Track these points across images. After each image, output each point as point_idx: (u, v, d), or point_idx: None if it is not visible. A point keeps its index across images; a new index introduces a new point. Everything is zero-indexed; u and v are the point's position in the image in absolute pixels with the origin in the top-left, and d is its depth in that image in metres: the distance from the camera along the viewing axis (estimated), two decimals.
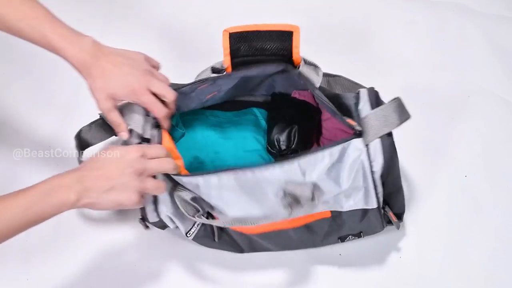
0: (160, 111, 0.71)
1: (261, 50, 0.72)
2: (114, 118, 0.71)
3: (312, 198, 0.66)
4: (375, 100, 0.72)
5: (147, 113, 0.74)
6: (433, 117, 0.96)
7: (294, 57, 0.72)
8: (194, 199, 0.69)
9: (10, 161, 0.91)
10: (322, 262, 0.80)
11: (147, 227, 0.78)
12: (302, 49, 1.06)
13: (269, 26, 0.70)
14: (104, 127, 0.78)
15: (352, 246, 0.81)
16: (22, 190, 0.60)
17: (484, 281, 0.78)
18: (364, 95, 0.73)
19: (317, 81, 0.73)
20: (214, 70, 0.77)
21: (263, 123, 0.90)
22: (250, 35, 0.71)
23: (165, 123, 0.73)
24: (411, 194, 0.86)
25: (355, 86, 0.90)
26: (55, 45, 0.68)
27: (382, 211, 0.72)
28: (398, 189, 0.72)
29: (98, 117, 0.79)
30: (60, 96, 1.00)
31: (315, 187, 0.67)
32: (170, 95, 0.72)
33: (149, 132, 0.73)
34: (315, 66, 0.73)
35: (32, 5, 0.69)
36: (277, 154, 0.86)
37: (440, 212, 0.85)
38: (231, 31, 0.72)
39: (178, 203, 0.69)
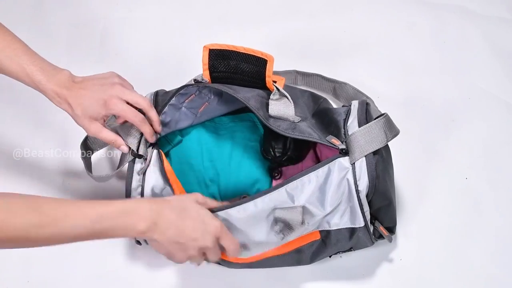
0: (134, 117, 0.71)
1: (238, 69, 0.73)
2: (106, 136, 0.72)
3: (302, 222, 0.66)
4: (365, 115, 0.72)
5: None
6: (434, 119, 0.96)
7: (267, 84, 0.72)
8: None
9: (10, 161, 0.90)
10: (322, 264, 0.80)
11: (138, 242, 0.78)
12: (304, 52, 1.07)
13: (247, 50, 0.71)
14: None
15: None
16: (97, 202, 0.59)
17: (485, 283, 0.79)
18: (354, 110, 0.73)
19: (291, 114, 0.72)
20: (196, 82, 0.77)
21: (261, 128, 0.90)
22: (229, 54, 0.72)
23: (145, 129, 0.72)
24: (411, 197, 0.86)
25: (358, 95, 0.90)
26: (34, 77, 0.69)
27: (372, 227, 0.72)
28: (388, 204, 0.72)
29: None
30: None
31: (305, 210, 0.67)
32: (142, 101, 0.72)
33: (143, 149, 0.73)
34: (286, 98, 0.72)
35: (12, 37, 0.71)
36: (272, 160, 0.86)
37: (441, 214, 0.85)
38: (210, 48, 0.72)
39: None
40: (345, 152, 0.67)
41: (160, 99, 0.78)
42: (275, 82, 0.72)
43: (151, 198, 0.65)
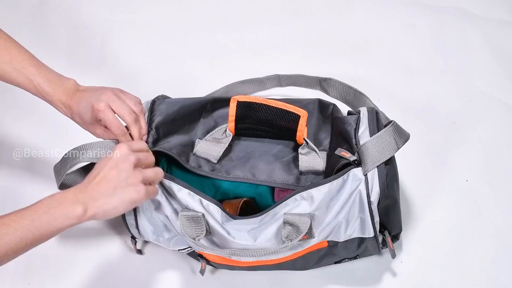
0: (115, 129, 0.70)
1: (267, 122, 0.74)
2: (102, 135, 0.73)
3: (310, 228, 0.66)
4: (375, 123, 0.72)
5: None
6: (434, 121, 0.96)
7: (297, 139, 0.74)
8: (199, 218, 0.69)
9: (10, 161, 0.91)
10: (323, 266, 0.80)
11: (139, 251, 0.80)
12: (304, 53, 1.07)
13: (279, 104, 0.71)
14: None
15: None
16: (28, 206, 0.59)
17: (486, 285, 0.78)
18: (364, 118, 0.73)
19: (320, 166, 0.74)
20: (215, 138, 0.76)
21: None
22: (258, 106, 0.72)
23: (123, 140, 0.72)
24: (412, 199, 0.86)
25: (347, 88, 0.89)
26: (41, 89, 0.70)
27: (381, 237, 0.72)
28: (394, 204, 0.72)
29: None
30: None
31: (312, 218, 0.67)
32: (127, 116, 0.71)
33: None
34: (315, 152, 0.74)
35: (18, 49, 0.71)
36: None
37: (441, 216, 0.85)
38: (239, 100, 0.72)
39: (181, 223, 0.67)
40: (357, 163, 0.67)
41: (156, 108, 0.77)
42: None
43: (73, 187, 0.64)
